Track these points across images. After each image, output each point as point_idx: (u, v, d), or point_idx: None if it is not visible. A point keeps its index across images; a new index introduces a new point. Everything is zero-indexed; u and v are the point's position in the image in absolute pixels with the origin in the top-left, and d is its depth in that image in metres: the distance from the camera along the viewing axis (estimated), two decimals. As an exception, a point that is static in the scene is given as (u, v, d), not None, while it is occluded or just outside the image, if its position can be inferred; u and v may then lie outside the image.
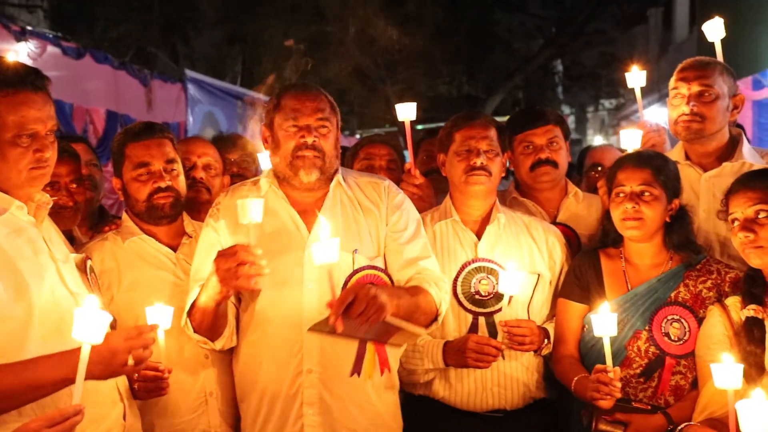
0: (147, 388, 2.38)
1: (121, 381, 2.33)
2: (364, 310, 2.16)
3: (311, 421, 2.45)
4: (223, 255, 2.22)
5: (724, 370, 1.91)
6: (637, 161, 2.66)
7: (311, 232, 2.50)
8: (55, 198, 2.40)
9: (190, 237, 2.72)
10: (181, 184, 2.71)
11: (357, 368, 2.48)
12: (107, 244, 2.67)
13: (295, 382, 2.45)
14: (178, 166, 2.71)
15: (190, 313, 2.44)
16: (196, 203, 2.88)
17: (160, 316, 2.35)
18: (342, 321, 2.16)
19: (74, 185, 2.85)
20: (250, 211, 2.21)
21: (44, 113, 2.10)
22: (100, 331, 1.83)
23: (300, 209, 2.55)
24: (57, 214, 2.52)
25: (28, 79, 2.09)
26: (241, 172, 3.35)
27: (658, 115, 3.44)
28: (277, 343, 2.47)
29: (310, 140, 2.48)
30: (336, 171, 2.59)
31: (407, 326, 2.33)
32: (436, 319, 2.54)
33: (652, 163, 2.64)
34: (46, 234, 2.20)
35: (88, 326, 1.81)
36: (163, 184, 2.62)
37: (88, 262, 2.37)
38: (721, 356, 1.98)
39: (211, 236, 2.54)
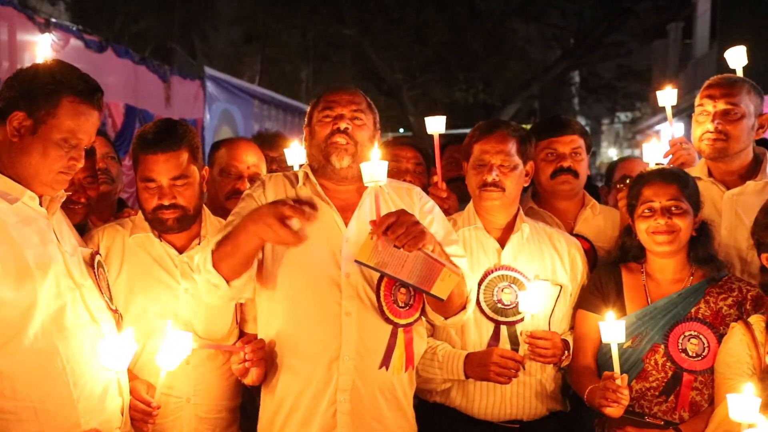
0: (134, 416, 2.38)
1: (123, 376, 2.34)
2: (404, 232, 2.18)
3: (343, 408, 2.42)
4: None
5: (741, 403, 1.85)
6: (664, 177, 2.67)
7: (348, 226, 2.49)
8: (69, 193, 2.42)
9: (203, 239, 2.64)
10: (192, 195, 2.59)
11: (386, 361, 2.46)
12: (119, 231, 2.66)
13: (330, 368, 2.42)
14: (190, 178, 2.57)
15: (215, 249, 2.34)
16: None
17: (180, 341, 2.29)
18: (384, 243, 2.19)
19: (88, 181, 2.84)
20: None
21: (93, 129, 2.26)
22: (126, 359, 2.26)
23: (337, 205, 2.53)
24: (68, 208, 2.54)
25: (96, 95, 2.24)
26: (280, 170, 3.35)
27: (674, 130, 3.44)
28: (312, 331, 2.43)
29: (342, 126, 2.50)
30: None
31: (448, 265, 2.33)
32: (464, 308, 2.53)
33: (676, 178, 2.66)
34: (57, 226, 2.26)
35: (115, 354, 2.22)
36: (166, 202, 2.53)
37: (97, 257, 2.41)
38: (740, 379, 1.95)
39: (254, 203, 2.49)
